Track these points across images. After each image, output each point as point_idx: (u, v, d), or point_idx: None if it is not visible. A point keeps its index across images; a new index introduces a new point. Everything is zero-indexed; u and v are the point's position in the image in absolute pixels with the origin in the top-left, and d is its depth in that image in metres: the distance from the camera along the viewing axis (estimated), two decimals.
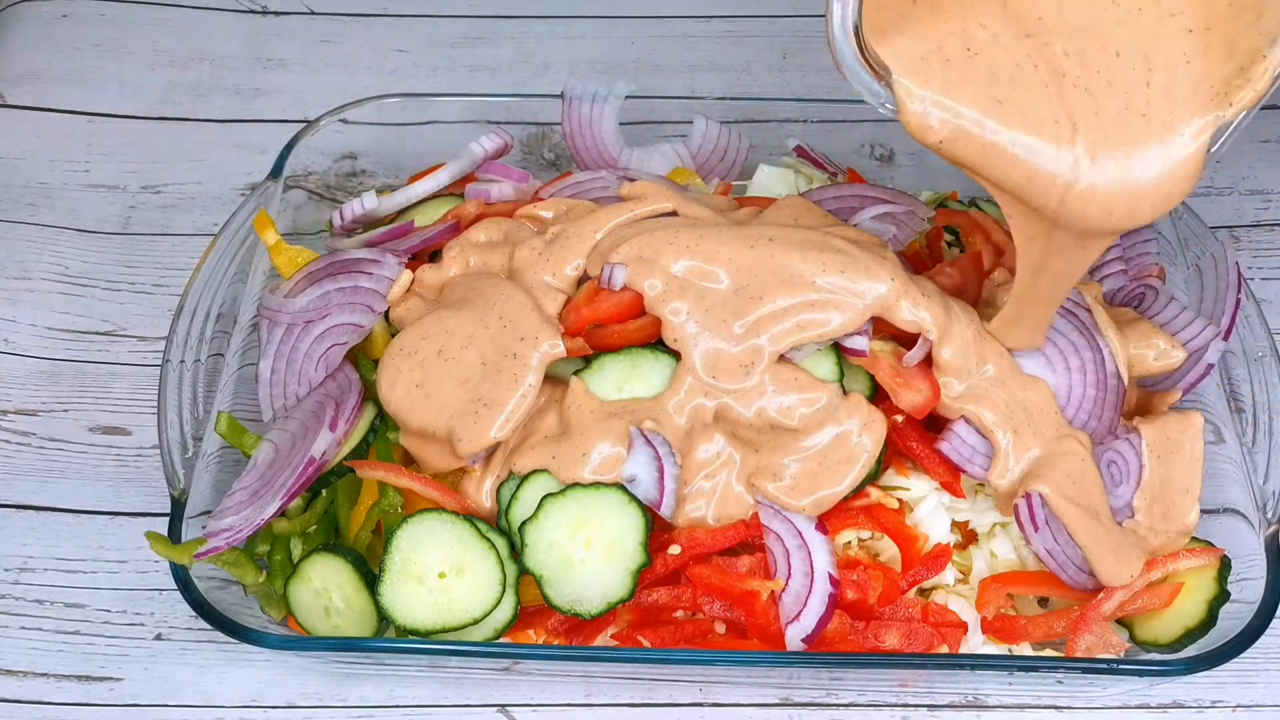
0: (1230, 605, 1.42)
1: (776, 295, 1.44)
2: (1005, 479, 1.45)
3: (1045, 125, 1.23)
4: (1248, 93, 1.20)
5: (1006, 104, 1.23)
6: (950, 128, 1.25)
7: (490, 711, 1.52)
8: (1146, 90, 1.22)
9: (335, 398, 1.54)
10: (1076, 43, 1.23)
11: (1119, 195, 1.23)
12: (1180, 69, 1.21)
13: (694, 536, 1.42)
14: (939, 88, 1.24)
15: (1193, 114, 1.22)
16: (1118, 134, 1.22)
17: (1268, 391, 1.54)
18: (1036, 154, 1.23)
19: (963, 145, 1.26)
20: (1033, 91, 1.23)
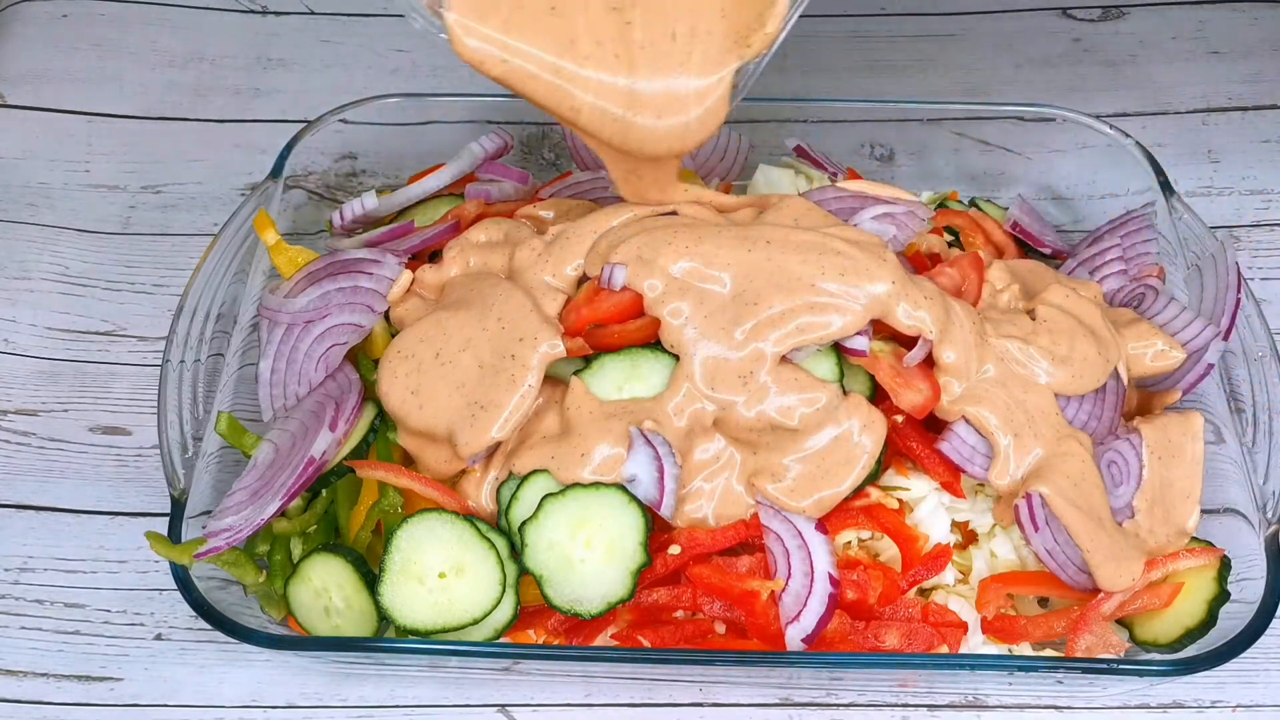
0: (1230, 605, 1.42)
1: (776, 299, 1.44)
2: (1005, 479, 1.45)
3: (602, 61, 1.34)
4: (760, 36, 1.34)
5: (564, 40, 1.34)
6: (507, 67, 1.35)
7: (490, 711, 1.52)
8: (690, 38, 1.34)
9: (335, 398, 1.54)
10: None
11: (662, 126, 1.36)
12: (716, 20, 1.34)
13: (694, 536, 1.42)
14: (497, 25, 1.33)
15: (721, 57, 1.35)
16: (662, 71, 1.35)
17: (1268, 391, 1.54)
18: (591, 88, 1.35)
19: (521, 81, 1.37)
20: (588, 28, 1.34)
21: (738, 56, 1.33)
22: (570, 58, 1.35)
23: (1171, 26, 2.26)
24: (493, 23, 1.33)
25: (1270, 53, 2.22)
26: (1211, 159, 2.07)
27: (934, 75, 2.20)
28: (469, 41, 1.34)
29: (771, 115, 1.92)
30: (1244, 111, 2.13)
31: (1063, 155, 1.90)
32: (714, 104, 1.35)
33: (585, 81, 1.35)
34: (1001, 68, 2.21)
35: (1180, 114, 2.14)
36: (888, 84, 2.19)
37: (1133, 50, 2.23)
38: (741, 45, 1.33)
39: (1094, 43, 2.24)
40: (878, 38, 2.26)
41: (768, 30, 1.33)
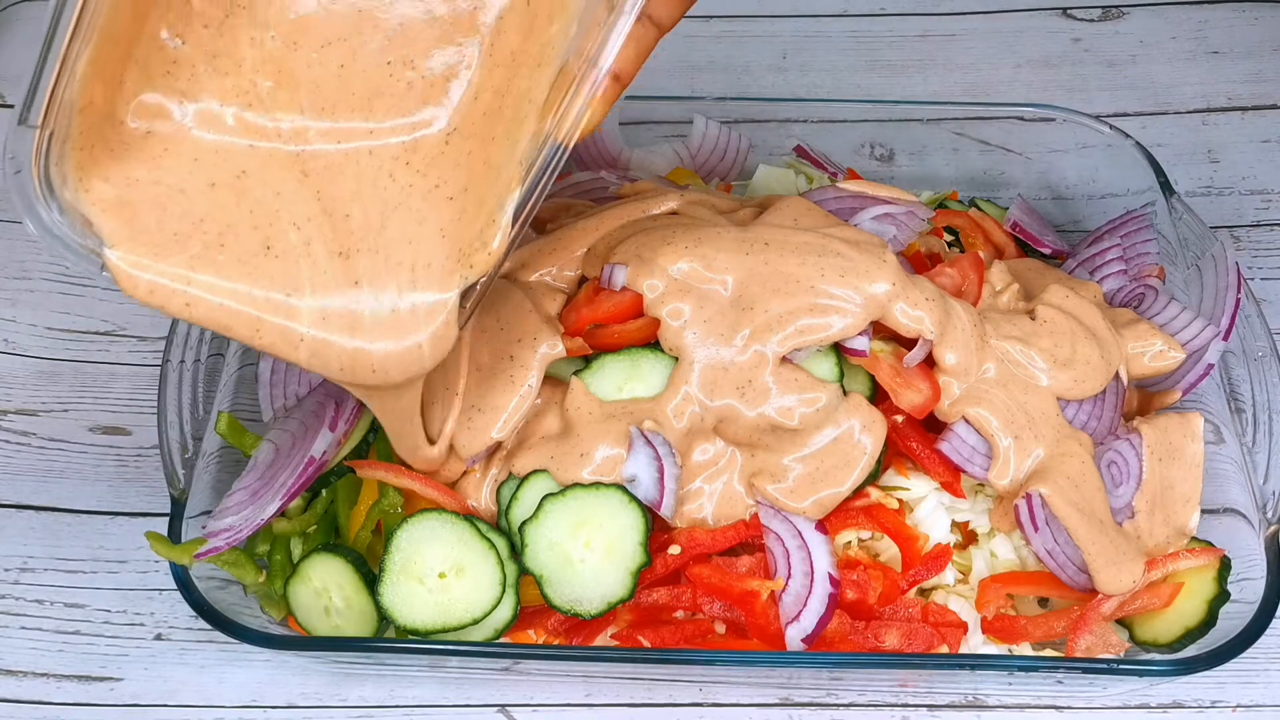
0: (1230, 605, 1.42)
1: (775, 300, 1.44)
2: (1005, 479, 1.45)
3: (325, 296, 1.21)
4: (483, 256, 1.22)
5: (283, 280, 1.21)
6: (172, 294, 1.20)
7: (490, 711, 1.52)
8: (410, 271, 1.22)
9: (335, 397, 1.54)
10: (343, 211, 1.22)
11: (362, 359, 1.23)
12: (435, 242, 1.22)
13: (694, 536, 1.42)
14: (181, 263, 1.19)
15: (442, 284, 1.22)
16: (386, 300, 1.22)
17: (1268, 391, 1.54)
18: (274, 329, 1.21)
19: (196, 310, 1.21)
20: (310, 271, 1.21)
21: (461, 278, 1.22)
22: (290, 294, 1.21)
23: (1171, 26, 2.26)
24: (175, 260, 1.19)
25: (1270, 53, 2.22)
26: (1211, 159, 2.07)
27: (934, 75, 2.20)
28: (143, 278, 1.19)
29: (771, 115, 1.92)
30: (1244, 111, 2.13)
31: (1063, 155, 1.90)
32: (440, 328, 1.23)
33: (307, 315, 1.21)
34: (1001, 68, 2.21)
35: (1180, 114, 2.13)
36: (888, 84, 2.19)
37: (1133, 50, 2.23)
38: (464, 265, 1.22)
39: (1094, 43, 2.24)
40: (878, 38, 2.26)
41: (491, 248, 1.21)
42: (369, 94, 1.21)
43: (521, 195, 1.20)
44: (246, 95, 1.20)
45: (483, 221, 1.22)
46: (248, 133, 1.21)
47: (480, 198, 1.22)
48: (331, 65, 1.20)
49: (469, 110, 1.21)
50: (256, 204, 1.20)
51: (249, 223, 1.20)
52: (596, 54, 1.15)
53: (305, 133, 1.21)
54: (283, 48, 1.19)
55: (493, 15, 1.19)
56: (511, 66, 1.20)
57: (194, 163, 1.20)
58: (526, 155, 1.20)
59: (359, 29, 1.20)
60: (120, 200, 1.18)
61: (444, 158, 1.22)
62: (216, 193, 1.20)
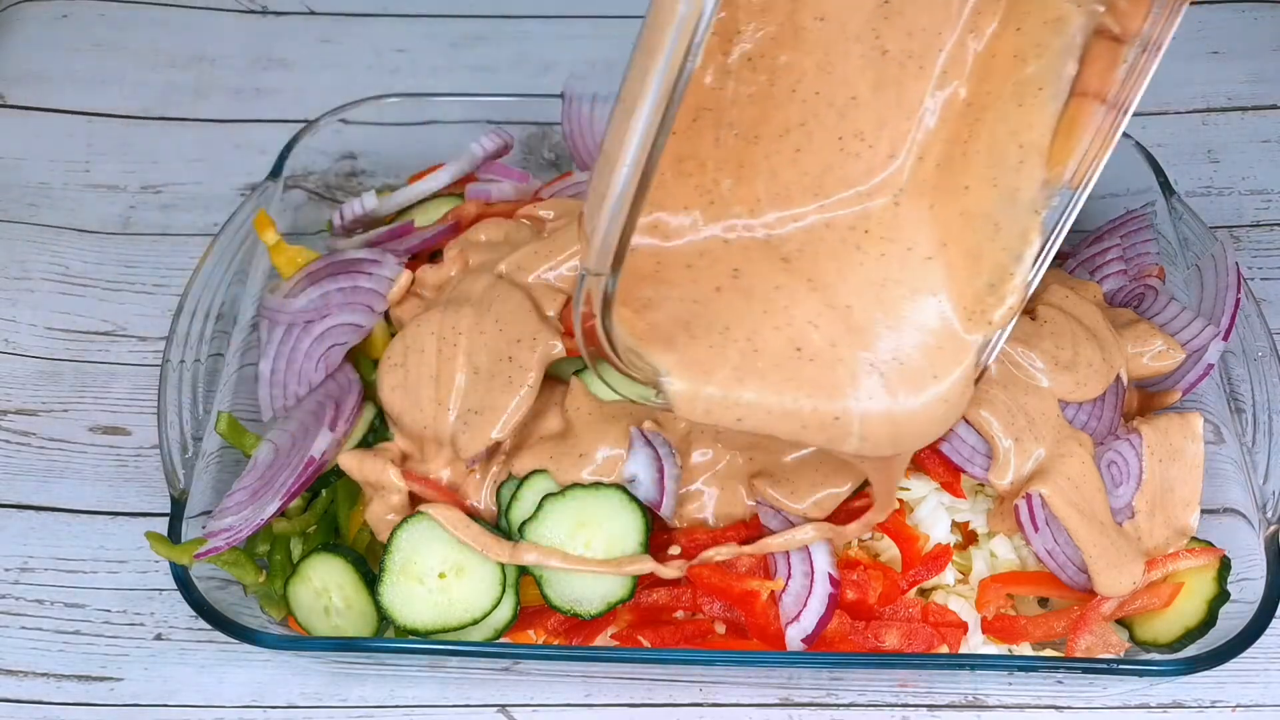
0: (1230, 605, 1.42)
1: None
2: (1005, 479, 1.45)
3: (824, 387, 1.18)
4: (1002, 311, 1.17)
5: (782, 387, 1.18)
6: (732, 409, 1.18)
7: (490, 711, 1.52)
8: (917, 351, 1.18)
9: (335, 398, 1.54)
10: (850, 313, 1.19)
11: (905, 432, 1.22)
12: (926, 302, 1.17)
13: (694, 537, 1.42)
14: (720, 385, 1.17)
15: (959, 348, 1.19)
16: (900, 389, 1.19)
17: (1268, 391, 1.54)
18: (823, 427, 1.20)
19: (749, 420, 1.20)
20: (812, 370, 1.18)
21: (982, 335, 1.18)
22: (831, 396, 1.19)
23: None
24: (722, 376, 1.17)
25: (1270, 53, 2.22)
26: (1211, 159, 2.07)
27: None
28: (700, 401, 1.18)
29: None
30: (1244, 111, 2.13)
31: None
32: (960, 388, 1.20)
33: (850, 411, 1.19)
34: None
35: (1180, 114, 2.14)
36: None
37: None
38: (980, 322, 1.17)
39: None
40: None
41: (1009, 304, 1.16)
42: (820, 173, 1.17)
43: (1038, 244, 1.15)
44: (709, 194, 1.16)
45: (990, 276, 1.16)
46: (716, 228, 1.17)
47: (973, 251, 1.16)
48: (788, 151, 1.16)
49: (916, 169, 1.16)
50: (766, 303, 1.17)
51: (769, 324, 1.17)
52: (1125, 99, 1.08)
53: (765, 219, 1.17)
54: (743, 143, 1.15)
55: (937, 71, 1.13)
56: (969, 115, 1.14)
57: (689, 270, 1.16)
58: (1038, 202, 1.14)
59: (816, 112, 1.15)
60: (650, 325, 1.16)
61: (900, 220, 1.16)
62: (725, 297, 1.17)
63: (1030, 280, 1.16)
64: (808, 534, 1.39)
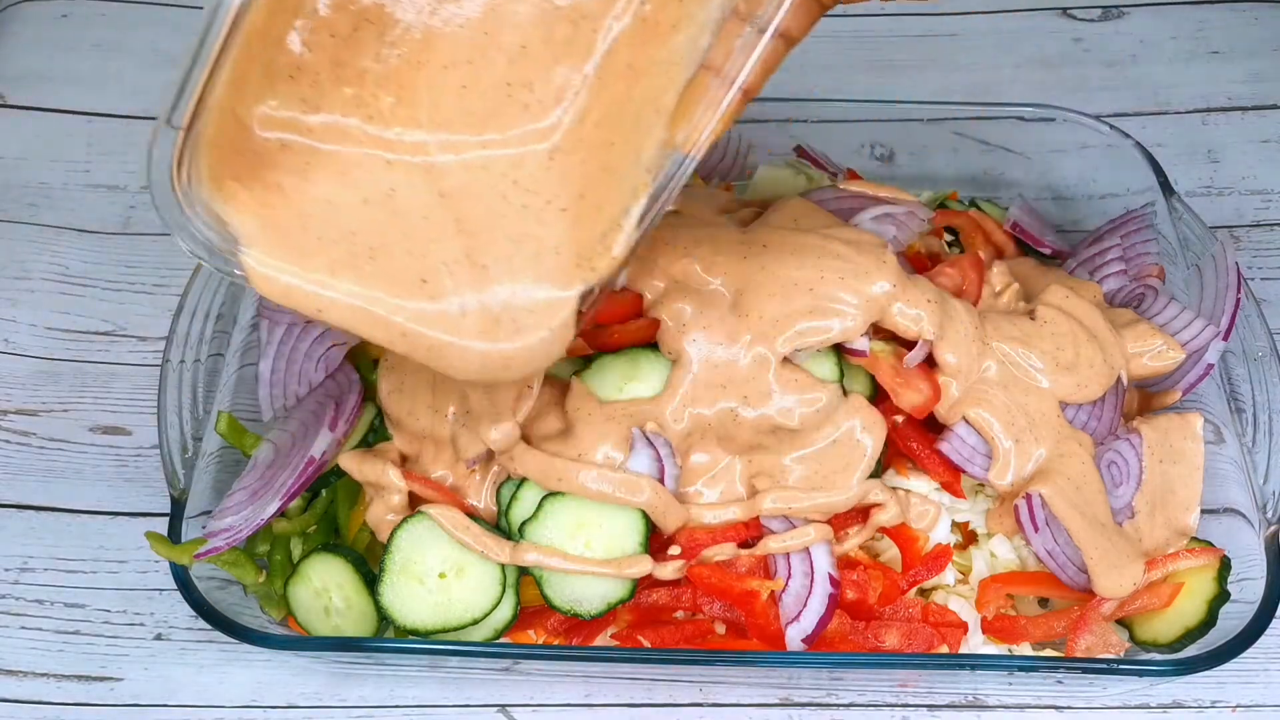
0: (1230, 605, 1.42)
1: (775, 302, 1.44)
2: (1005, 479, 1.45)
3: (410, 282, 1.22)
4: (606, 259, 1.23)
5: (368, 268, 1.22)
6: (308, 296, 1.21)
7: (490, 711, 1.52)
8: (533, 244, 1.23)
9: (335, 398, 1.54)
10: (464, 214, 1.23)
11: (496, 368, 1.25)
12: (548, 239, 1.23)
13: (694, 537, 1.42)
14: (320, 267, 1.21)
15: (564, 274, 1.23)
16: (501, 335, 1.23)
17: (1268, 391, 1.54)
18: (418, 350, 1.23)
19: (329, 314, 1.23)
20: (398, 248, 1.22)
21: (582, 281, 1.23)
22: (415, 297, 1.22)
23: (1171, 26, 2.26)
24: (314, 263, 1.21)
25: (1270, 53, 2.22)
26: (1211, 159, 2.07)
27: (934, 75, 2.20)
28: (280, 280, 1.21)
29: (771, 115, 1.92)
30: (1244, 111, 2.13)
31: (1063, 155, 1.90)
32: (559, 329, 1.24)
33: (434, 317, 1.23)
34: (1002, 68, 2.21)
35: (1180, 114, 2.14)
36: (888, 84, 2.19)
37: (1133, 50, 2.23)
38: (585, 269, 1.23)
39: (1094, 43, 2.24)
40: (878, 37, 2.26)
41: (614, 254, 1.23)
42: (486, 115, 1.20)
43: (646, 202, 1.22)
44: (368, 109, 1.19)
45: (604, 226, 1.23)
46: (379, 146, 1.20)
47: (599, 203, 1.22)
48: (453, 86, 1.20)
49: (576, 126, 1.21)
50: (410, 229, 1.21)
51: (403, 247, 1.21)
52: (733, 73, 1.15)
53: (426, 147, 1.21)
54: (406, 66, 1.19)
55: (609, 34, 1.19)
56: (629, 78, 1.19)
57: (342, 176, 1.20)
58: (653, 162, 1.21)
59: (484, 52, 1.19)
60: (260, 204, 1.19)
61: (550, 174, 1.21)
62: (370, 209, 1.20)
63: (635, 239, 1.23)
64: (808, 535, 1.39)
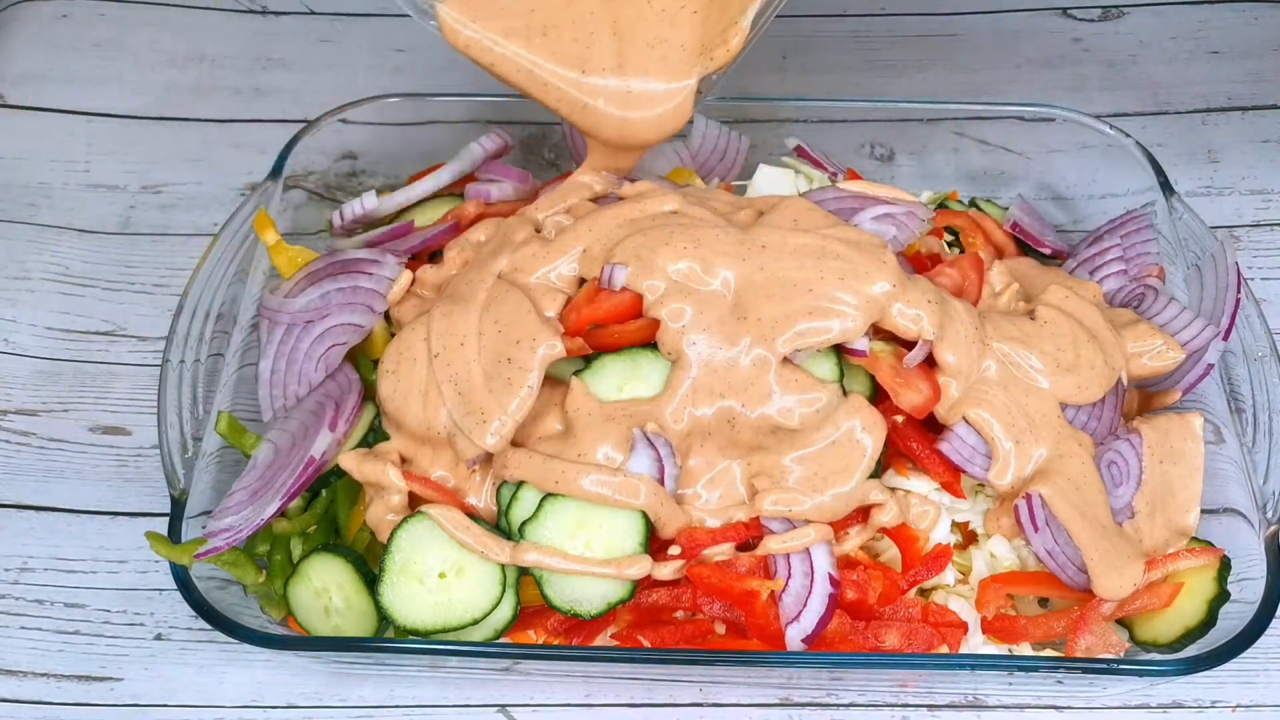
0: (1230, 605, 1.42)
1: (775, 303, 1.44)
2: (1005, 479, 1.45)
3: (575, 60, 1.53)
4: (722, 51, 1.52)
5: (539, 40, 1.53)
6: (487, 53, 1.54)
7: (490, 711, 1.52)
8: (664, 43, 1.53)
9: (335, 398, 1.54)
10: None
11: (629, 130, 1.56)
12: (675, 40, 1.52)
13: (694, 537, 1.42)
14: (486, 25, 1.52)
15: (686, 67, 1.53)
16: (632, 72, 1.53)
17: (1268, 391, 1.54)
18: (559, 80, 1.54)
19: (499, 67, 1.55)
20: (567, 38, 1.53)
21: (701, 67, 1.53)
22: (565, 66, 1.54)
23: (1171, 26, 2.26)
24: (494, 26, 1.53)
25: (1270, 53, 2.22)
26: (1211, 159, 2.07)
27: (934, 75, 2.20)
28: (464, 32, 1.54)
29: (771, 115, 1.92)
30: (1244, 111, 2.13)
31: (1063, 155, 1.90)
32: (680, 104, 1.54)
33: (590, 90, 1.55)
34: (1001, 68, 2.21)
35: (1180, 114, 2.14)
36: (888, 84, 2.19)
37: (1133, 50, 2.23)
38: (705, 57, 1.52)
39: (1094, 43, 2.24)
40: (878, 38, 2.26)
41: (729, 47, 1.51)
42: None
43: (761, 4, 1.50)
44: None
45: (726, 24, 1.51)
46: None
47: (725, 5, 1.51)
48: None
49: None
50: (578, 19, 1.52)
51: (571, 34, 1.53)
52: None
53: None
54: None
55: None
56: None
57: None
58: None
59: None
60: None
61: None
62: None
63: (750, 37, 1.52)
64: (808, 535, 1.39)
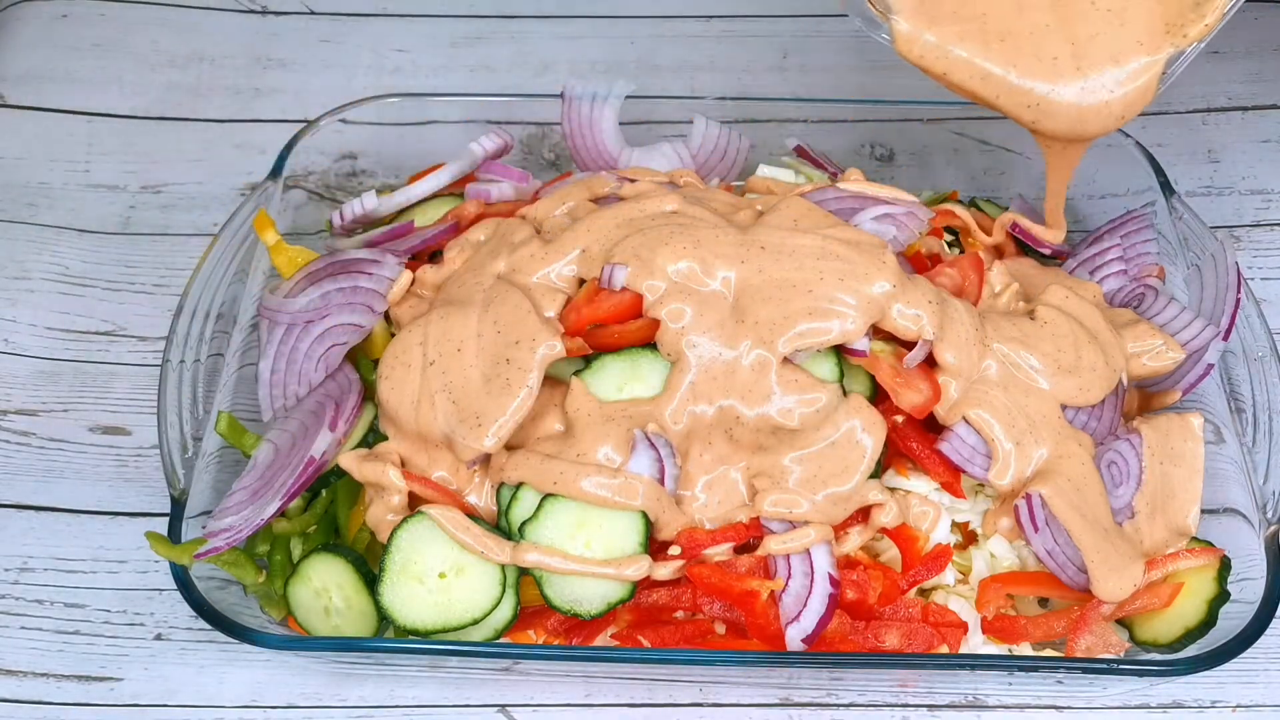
0: (1230, 605, 1.42)
1: (774, 304, 1.44)
2: (1006, 479, 1.45)
3: (1028, 61, 1.48)
4: (1198, 26, 1.43)
5: (996, 46, 1.49)
6: (942, 60, 1.51)
7: (490, 711, 1.52)
8: (1119, 28, 1.46)
9: (335, 398, 1.54)
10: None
11: (1082, 110, 1.49)
12: (1142, 10, 1.46)
13: (694, 537, 1.42)
14: (939, 33, 1.49)
15: (1147, 44, 1.46)
16: (1087, 63, 1.47)
17: (1268, 391, 1.54)
18: (1014, 82, 1.49)
19: (953, 74, 1.52)
20: (1022, 38, 1.48)
21: (1171, 44, 1.44)
22: (1014, 65, 1.49)
23: None
24: (946, 31, 1.50)
25: (1270, 53, 2.22)
26: (1211, 159, 2.07)
27: None
28: (919, 41, 1.51)
29: (771, 115, 1.92)
30: (1244, 111, 2.13)
31: None
32: (1144, 85, 1.46)
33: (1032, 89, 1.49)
34: None
35: (1180, 114, 2.13)
36: (888, 84, 2.18)
37: None
38: (1176, 34, 1.44)
39: None
40: None
41: (1206, 21, 1.42)
42: None
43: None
44: None
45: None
46: None
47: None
48: None
49: None
50: (1031, 26, 1.47)
51: (1028, 34, 1.47)
52: None
53: None
54: None
55: None
56: None
57: None
58: None
59: None
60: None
61: None
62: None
63: (1228, 7, 1.43)
64: (808, 536, 1.39)
